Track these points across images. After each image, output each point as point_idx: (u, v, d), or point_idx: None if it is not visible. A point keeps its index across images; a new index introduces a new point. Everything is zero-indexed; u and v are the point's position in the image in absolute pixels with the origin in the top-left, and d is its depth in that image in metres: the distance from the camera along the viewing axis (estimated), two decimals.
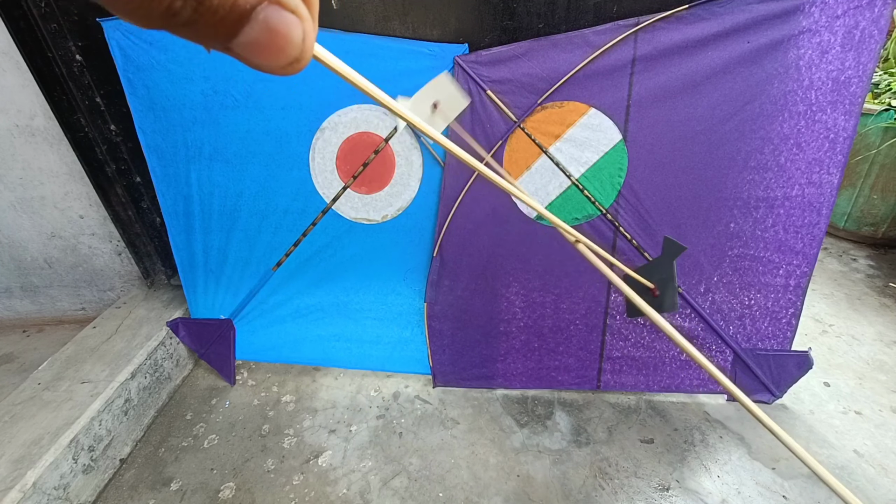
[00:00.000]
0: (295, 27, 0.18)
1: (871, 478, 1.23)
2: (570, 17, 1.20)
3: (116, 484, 1.31)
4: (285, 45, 0.18)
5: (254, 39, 0.17)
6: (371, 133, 1.37)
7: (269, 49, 0.17)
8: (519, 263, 1.43)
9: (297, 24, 0.18)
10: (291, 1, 0.17)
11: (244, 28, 0.17)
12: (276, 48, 0.17)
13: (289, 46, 0.18)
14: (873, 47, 1.11)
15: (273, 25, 0.17)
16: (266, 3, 0.17)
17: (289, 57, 0.18)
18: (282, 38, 0.17)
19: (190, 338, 1.67)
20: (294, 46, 0.18)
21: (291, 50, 0.18)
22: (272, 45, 0.17)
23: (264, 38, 0.17)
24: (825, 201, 1.25)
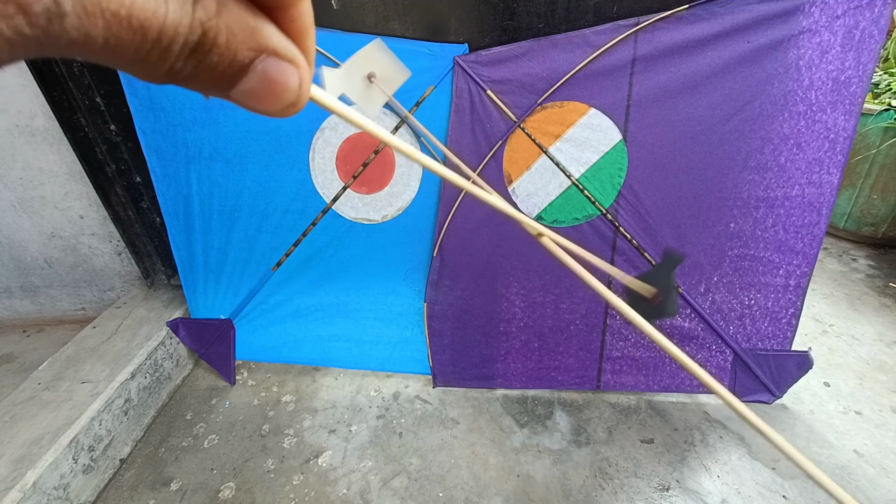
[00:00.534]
0: (292, 76, 0.18)
1: (871, 478, 1.23)
2: (570, 17, 1.20)
3: (116, 484, 1.31)
4: (282, 93, 0.18)
5: (251, 88, 0.18)
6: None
7: (266, 97, 0.18)
8: (519, 263, 1.43)
9: (294, 73, 0.18)
10: (288, 51, 0.18)
11: (242, 79, 0.17)
12: (274, 96, 0.18)
13: (285, 93, 0.18)
14: (873, 47, 1.11)
15: (271, 76, 0.18)
16: (264, 56, 0.17)
17: (285, 102, 0.19)
18: (279, 86, 0.18)
19: (190, 338, 1.67)
20: (291, 93, 0.18)
21: (288, 96, 0.19)
22: (270, 94, 0.18)
23: (262, 88, 0.18)
24: (825, 201, 1.25)
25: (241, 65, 0.17)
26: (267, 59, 0.17)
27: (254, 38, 0.17)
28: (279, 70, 0.18)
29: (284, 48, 0.18)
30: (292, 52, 0.18)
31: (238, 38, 0.16)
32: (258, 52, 0.17)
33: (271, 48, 0.17)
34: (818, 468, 0.30)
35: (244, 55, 0.16)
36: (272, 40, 0.17)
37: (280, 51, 0.17)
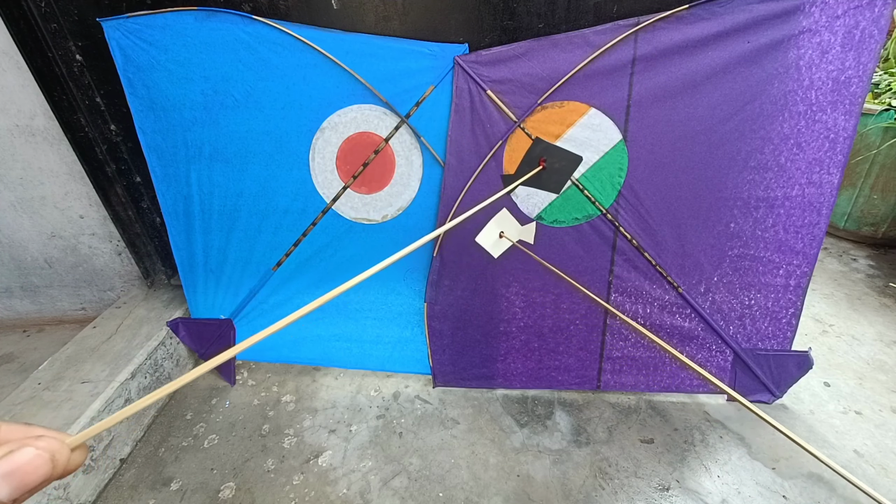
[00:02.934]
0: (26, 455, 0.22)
1: (872, 478, 1.23)
2: (571, 16, 1.20)
3: (116, 484, 1.31)
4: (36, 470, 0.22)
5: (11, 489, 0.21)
6: (371, 133, 1.37)
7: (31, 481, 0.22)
8: (519, 263, 1.43)
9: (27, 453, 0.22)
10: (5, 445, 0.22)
11: None
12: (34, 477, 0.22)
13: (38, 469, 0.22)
14: (873, 47, 1.11)
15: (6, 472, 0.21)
16: None
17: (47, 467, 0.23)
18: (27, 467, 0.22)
19: (190, 338, 1.67)
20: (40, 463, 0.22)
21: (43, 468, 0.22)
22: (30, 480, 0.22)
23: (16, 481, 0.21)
24: (825, 201, 1.25)
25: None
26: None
27: None
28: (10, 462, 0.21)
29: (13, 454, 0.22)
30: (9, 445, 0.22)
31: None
32: None
33: None
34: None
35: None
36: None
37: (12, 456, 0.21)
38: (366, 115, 1.34)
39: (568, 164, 0.66)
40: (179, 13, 1.24)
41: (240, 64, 1.29)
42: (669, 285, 1.39)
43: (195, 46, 1.28)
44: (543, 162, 0.66)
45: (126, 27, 1.26)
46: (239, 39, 1.26)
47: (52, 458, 0.23)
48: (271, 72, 1.30)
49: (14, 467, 0.21)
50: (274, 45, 1.26)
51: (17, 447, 0.22)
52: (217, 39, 1.27)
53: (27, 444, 0.22)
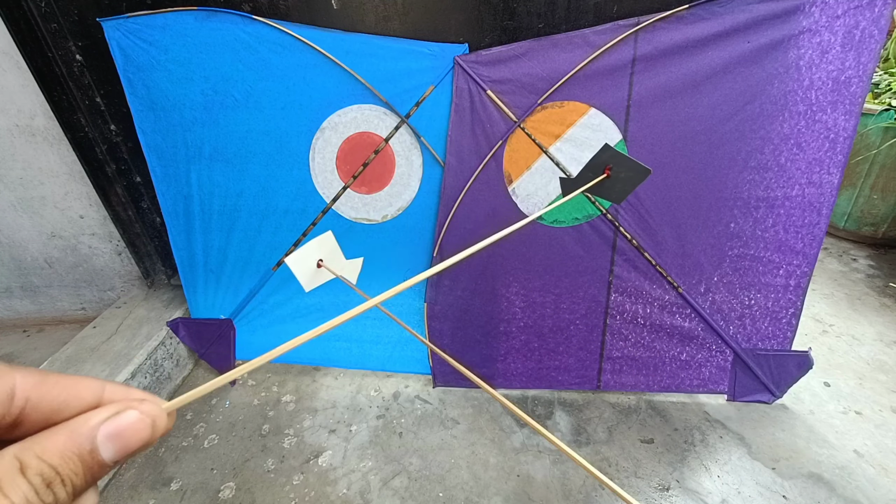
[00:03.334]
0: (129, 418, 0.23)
1: (871, 478, 1.23)
2: (571, 16, 1.20)
3: (116, 484, 1.31)
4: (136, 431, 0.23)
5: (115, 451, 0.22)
6: (371, 133, 1.37)
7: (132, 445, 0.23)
8: (519, 263, 1.43)
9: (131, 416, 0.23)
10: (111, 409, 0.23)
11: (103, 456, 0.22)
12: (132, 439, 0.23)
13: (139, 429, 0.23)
14: (873, 47, 1.11)
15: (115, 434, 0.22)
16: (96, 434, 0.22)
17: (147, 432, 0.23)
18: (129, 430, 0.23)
19: (190, 338, 1.67)
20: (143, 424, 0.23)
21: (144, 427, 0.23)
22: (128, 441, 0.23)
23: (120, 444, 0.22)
24: (825, 201, 1.25)
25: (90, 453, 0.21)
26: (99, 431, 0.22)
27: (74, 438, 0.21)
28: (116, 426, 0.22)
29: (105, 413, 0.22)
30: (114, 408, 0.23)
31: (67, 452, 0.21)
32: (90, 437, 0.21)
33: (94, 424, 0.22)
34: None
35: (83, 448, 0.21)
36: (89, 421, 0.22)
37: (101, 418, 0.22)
38: (366, 115, 1.34)
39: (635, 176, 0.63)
40: (179, 13, 1.24)
41: (240, 64, 1.29)
42: (669, 285, 1.39)
43: (195, 46, 1.28)
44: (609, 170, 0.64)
45: (126, 27, 1.26)
46: (239, 39, 1.26)
47: (154, 423, 0.23)
48: (271, 72, 1.30)
49: (120, 429, 0.22)
50: (274, 45, 1.26)
51: (123, 409, 0.22)
52: (217, 39, 1.27)
53: (131, 406, 0.23)
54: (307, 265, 0.94)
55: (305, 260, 0.93)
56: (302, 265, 0.93)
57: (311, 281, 0.96)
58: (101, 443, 0.21)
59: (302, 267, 0.93)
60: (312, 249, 0.93)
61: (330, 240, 0.95)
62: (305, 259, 0.93)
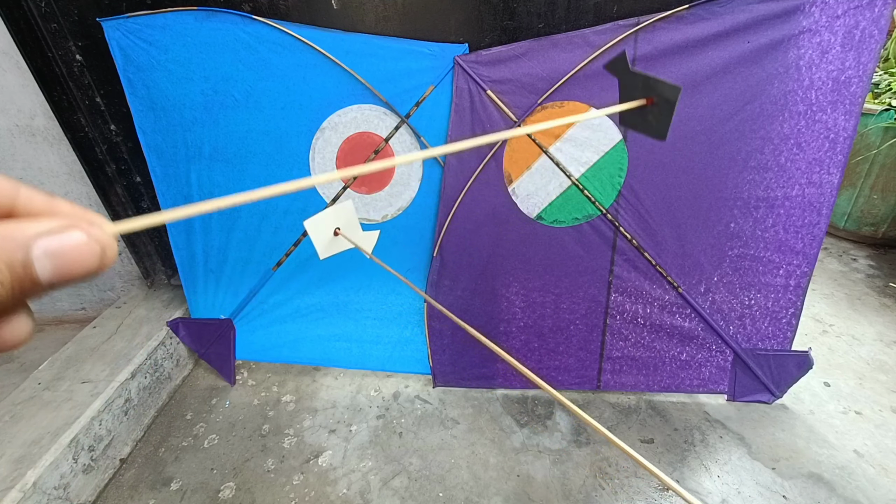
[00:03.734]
0: (76, 239, 0.20)
1: (871, 478, 1.23)
2: (571, 17, 1.20)
3: (116, 484, 1.31)
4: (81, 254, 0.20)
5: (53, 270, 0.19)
6: (371, 133, 1.37)
7: (71, 266, 0.20)
8: (519, 263, 1.43)
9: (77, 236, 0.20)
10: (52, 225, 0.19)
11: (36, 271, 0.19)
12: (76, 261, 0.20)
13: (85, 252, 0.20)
14: (873, 47, 1.11)
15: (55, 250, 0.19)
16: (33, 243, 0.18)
17: (94, 257, 0.20)
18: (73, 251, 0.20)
19: (190, 338, 1.67)
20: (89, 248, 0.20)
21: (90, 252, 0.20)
22: (71, 262, 0.20)
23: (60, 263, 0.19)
24: (825, 201, 1.25)
25: (21, 263, 0.18)
26: (38, 242, 0.19)
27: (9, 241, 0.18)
28: (60, 242, 0.19)
29: (48, 227, 0.19)
30: (60, 224, 0.19)
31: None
32: (24, 246, 0.18)
33: (32, 234, 0.19)
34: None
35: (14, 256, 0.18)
36: (27, 230, 0.19)
37: (44, 230, 0.19)
38: (366, 115, 1.34)
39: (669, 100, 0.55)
40: (179, 13, 1.24)
41: (240, 64, 1.29)
42: (669, 285, 1.39)
43: (195, 46, 1.28)
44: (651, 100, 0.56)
45: (126, 27, 1.26)
46: (239, 39, 1.26)
47: (103, 251, 0.21)
48: (271, 72, 1.30)
49: (62, 249, 0.19)
50: (274, 45, 1.26)
51: (68, 226, 0.20)
52: (217, 39, 1.27)
53: (79, 226, 0.20)
54: (324, 231, 0.94)
55: (323, 225, 0.93)
56: (319, 230, 0.93)
57: (327, 248, 0.95)
58: (38, 258, 0.19)
59: (319, 232, 0.93)
60: (330, 217, 0.93)
61: (349, 209, 0.95)
62: (324, 224, 0.93)
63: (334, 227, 0.95)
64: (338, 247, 0.97)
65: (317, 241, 0.91)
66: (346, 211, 0.95)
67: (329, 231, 0.94)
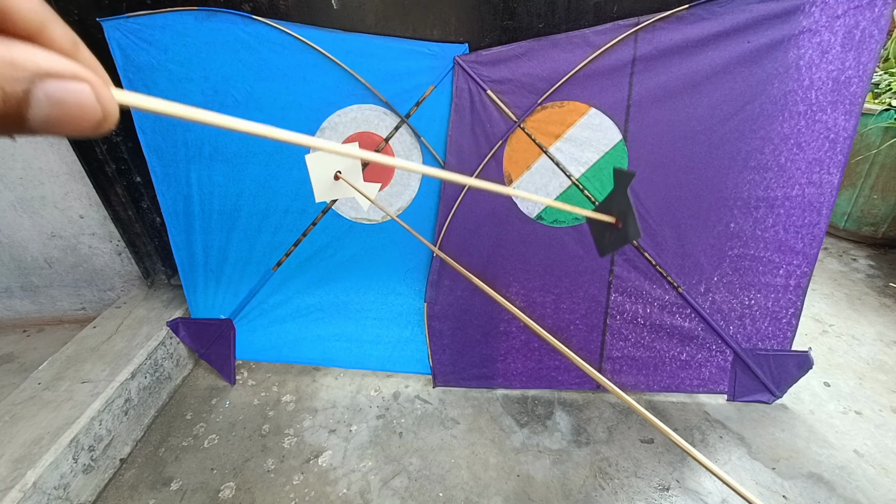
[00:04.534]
0: (83, 94, 0.18)
1: (871, 478, 1.23)
2: (570, 17, 1.20)
3: (116, 484, 1.31)
4: (81, 111, 0.18)
5: (47, 116, 0.17)
6: (371, 133, 1.37)
7: (67, 119, 0.17)
8: (519, 263, 1.43)
9: (84, 89, 0.18)
10: (66, 69, 0.17)
11: (29, 111, 0.16)
12: (73, 118, 0.18)
13: (85, 111, 0.18)
14: (873, 47, 1.11)
15: (58, 97, 0.17)
16: (39, 82, 0.16)
17: (92, 121, 0.18)
18: (74, 106, 0.17)
19: (190, 338, 1.67)
20: (91, 109, 0.18)
21: (91, 114, 0.18)
22: (69, 115, 0.17)
23: (57, 112, 0.17)
24: (825, 201, 1.25)
25: (17, 97, 0.16)
26: (45, 82, 0.17)
27: (15, 67, 0.16)
28: (65, 91, 0.17)
29: (59, 67, 0.17)
30: (72, 69, 0.17)
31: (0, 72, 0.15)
32: (29, 80, 0.16)
33: (42, 71, 0.16)
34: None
35: (13, 87, 0.16)
36: (39, 63, 0.16)
37: (56, 71, 0.17)
38: (366, 115, 1.34)
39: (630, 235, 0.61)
40: (179, 13, 1.24)
41: (240, 64, 1.29)
42: (669, 285, 1.39)
43: (195, 46, 1.28)
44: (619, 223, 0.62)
45: (126, 27, 1.26)
46: (239, 39, 1.26)
47: (103, 118, 0.19)
48: (271, 72, 1.30)
49: (66, 98, 0.17)
50: (274, 45, 1.26)
51: (80, 76, 0.18)
52: (217, 39, 1.27)
53: (91, 82, 0.18)
54: (325, 172, 0.86)
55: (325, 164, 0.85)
56: (320, 168, 0.85)
57: (326, 192, 0.87)
58: (37, 99, 0.16)
59: (319, 170, 0.84)
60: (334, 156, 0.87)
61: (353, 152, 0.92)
62: (325, 163, 0.86)
63: (336, 170, 0.87)
64: (337, 192, 0.89)
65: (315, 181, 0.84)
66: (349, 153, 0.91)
67: (329, 172, 0.86)
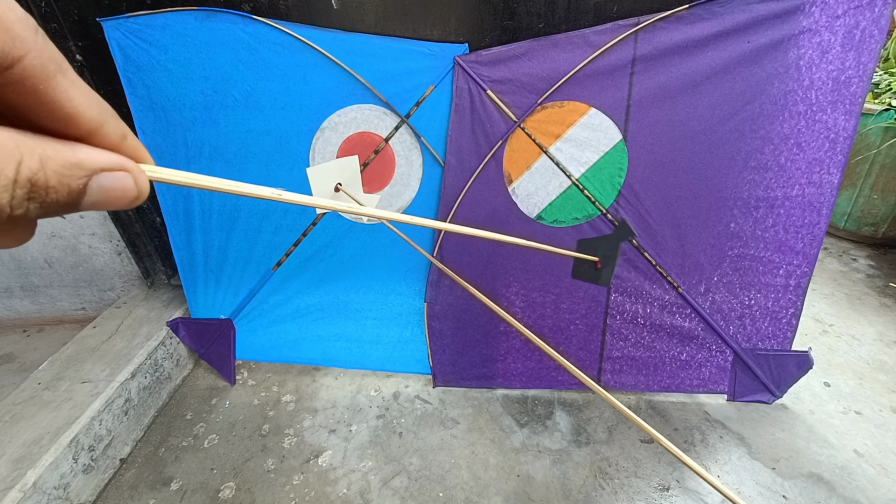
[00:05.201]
0: (125, 180, 0.21)
1: (871, 478, 1.23)
2: (571, 16, 1.20)
3: (116, 484, 1.31)
4: (123, 195, 0.21)
5: (96, 201, 0.20)
6: (371, 133, 1.37)
7: (112, 202, 0.21)
8: (519, 263, 1.43)
9: (127, 178, 0.21)
10: (115, 163, 0.21)
11: (84, 199, 0.20)
12: (118, 199, 0.21)
13: (126, 194, 0.22)
14: (873, 47, 1.11)
15: (108, 187, 0.21)
16: (95, 175, 0.20)
17: (130, 200, 0.22)
18: (118, 191, 0.21)
19: (190, 338, 1.67)
20: (131, 191, 0.22)
21: (130, 194, 0.22)
22: (114, 199, 0.21)
23: (105, 198, 0.21)
24: (825, 201, 1.25)
25: (78, 190, 0.19)
26: (99, 176, 0.20)
27: (80, 168, 0.19)
28: (114, 180, 0.21)
29: (111, 162, 0.21)
30: (119, 163, 0.21)
31: (67, 174, 0.19)
32: (88, 176, 0.20)
33: (98, 168, 0.20)
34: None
35: (77, 183, 0.19)
36: (97, 162, 0.20)
37: (107, 166, 0.21)
38: (366, 115, 1.34)
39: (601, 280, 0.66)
40: (179, 13, 1.24)
41: (240, 64, 1.29)
42: (669, 285, 1.39)
43: (195, 46, 1.28)
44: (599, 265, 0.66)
45: (126, 27, 1.26)
46: (239, 39, 1.26)
47: (137, 198, 0.22)
48: (271, 72, 1.30)
49: (113, 187, 0.21)
50: (274, 45, 1.26)
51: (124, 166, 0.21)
52: (217, 39, 1.27)
53: (131, 171, 0.22)
54: (325, 184, 0.90)
55: (325, 176, 0.89)
56: (320, 181, 0.89)
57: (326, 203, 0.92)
58: (91, 188, 0.20)
59: (320, 184, 0.88)
60: (334, 169, 0.90)
61: (354, 165, 0.92)
62: (326, 176, 0.89)
63: (336, 182, 0.90)
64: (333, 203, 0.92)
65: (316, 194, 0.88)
66: (350, 166, 0.92)
67: (330, 184, 0.90)
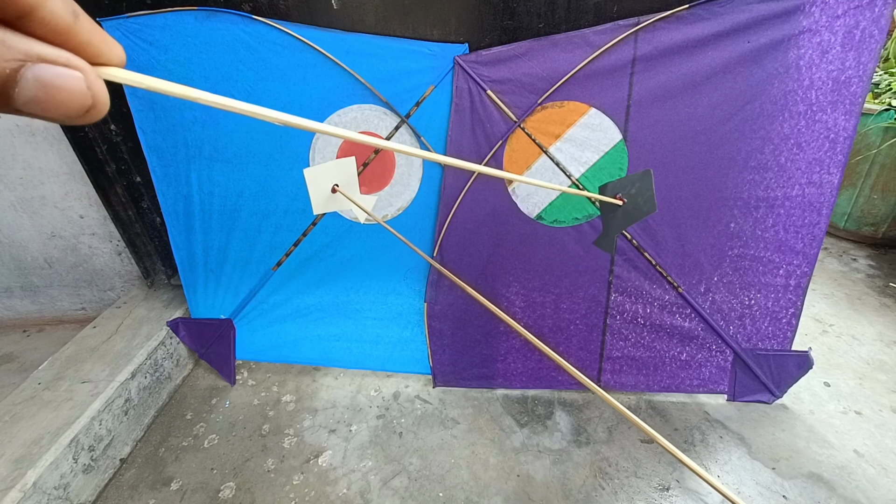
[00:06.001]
0: (74, 82, 0.18)
1: (871, 478, 1.23)
2: (571, 16, 1.20)
3: (116, 484, 1.31)
4: (70, 97, 0.18)
5: (33, 97, 0.17)
6: (371, 133, 1.37)
7: (53, 102, 0.18)
8: (519, 263, 1.43)
9: (76, 79, 0.18)
10: (59, 56, 0.18)
11: (16, 90, 0.17)
12: (61, 102, 0.18)
13: (74, 97, 0.18)
14: (873, 47, 1.11)
15: (47, 81, 0.17)
16: (30, 64, 0.17)
17: (80, 107, 0.19)
18: (62, 90, 0.18)
19: (190, 338, 1.67)
20: (80, 95, 0.18)
21: (80, 100, 0.18)
22: (55, 99, 0.18)
23: (43, 94, 0.17)
24: (825, 201, 1.25)
25: (4, 75, 0.16)
26: (35, 66, 0.17)
27: (7, 48, 0.16)
28: (56, 75, 0.18)
29: (55, 54, 0.18)
30: (66, 57, 0.18)
31: None
32: (20, 62, 0.17)
33: (34, 54, 0.17)
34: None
35: (3, 65, 0.16)
36: (32, 48, 0.17)
37: (49, 57, 0.17)
38: (366, 115, 1.34)
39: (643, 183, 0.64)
40: (179, 13, 1.24)
41: (240, 64, 1.29)
42: (669, 285, 1.39)
43: (195, 46, 1.28)
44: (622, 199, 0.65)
45: (126, 27, 1.26)
46: (239, 39, 1.26)
47: (92, 107, 0.19)
48: (271, 72, 1.30)
49: (55, 83, 0.17)
50: (274, 45, 1.26)
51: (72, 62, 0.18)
52: (217, 39, 1.27)
53: (84, 70, 0.18)
54: (323, 185, 0.90)
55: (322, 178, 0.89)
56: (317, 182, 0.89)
57: (323, 204, 0.91)
58: (25, 79, 0.17)
59: (317, 185, 0.89)
60: (332, 171, 0.90)
61: (351, 166, 0.92)
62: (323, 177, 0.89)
63: (333, 183, 0.92)
64: (334, 205, 0.94)
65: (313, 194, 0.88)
66: (347, 167, 0.92)
67: (327, 185, 0.91)
